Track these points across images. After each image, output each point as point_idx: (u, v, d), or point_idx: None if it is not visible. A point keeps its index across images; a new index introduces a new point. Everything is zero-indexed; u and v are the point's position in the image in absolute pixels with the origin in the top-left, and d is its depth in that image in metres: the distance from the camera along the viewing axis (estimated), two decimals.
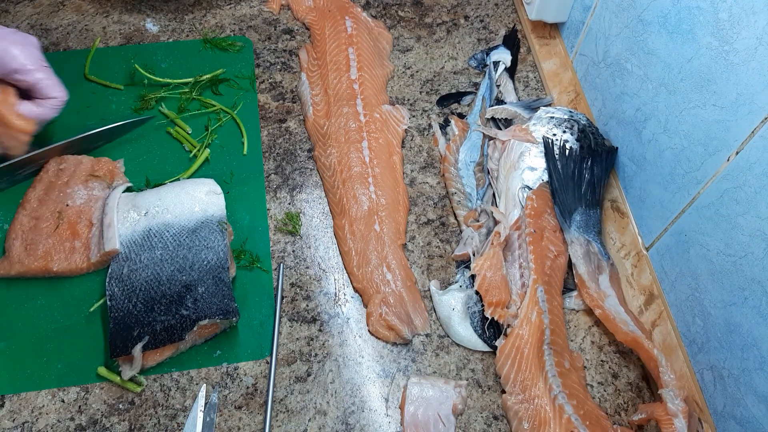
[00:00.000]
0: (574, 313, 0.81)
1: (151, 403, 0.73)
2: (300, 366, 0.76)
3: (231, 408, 0.73)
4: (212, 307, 0.74)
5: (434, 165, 0.92)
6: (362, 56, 0.97)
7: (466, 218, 0.86)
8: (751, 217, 0.64)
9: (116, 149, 0.89)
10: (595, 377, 0.77)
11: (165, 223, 0.80)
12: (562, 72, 0.99)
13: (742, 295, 0.66)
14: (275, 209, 0.87)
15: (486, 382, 0.76)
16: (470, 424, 0.74)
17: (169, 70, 0.97)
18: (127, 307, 0.74)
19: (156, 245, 0.78)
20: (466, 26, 1.06)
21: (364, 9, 1.06)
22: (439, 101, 0.98)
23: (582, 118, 0.90)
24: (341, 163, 0.88)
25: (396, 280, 0.80)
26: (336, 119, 0.92)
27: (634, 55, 0.81)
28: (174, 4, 1.05)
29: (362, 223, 0.84)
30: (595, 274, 0.81)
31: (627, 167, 0.85)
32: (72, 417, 0.72)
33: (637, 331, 0.75)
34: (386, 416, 0.74)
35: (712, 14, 0.66)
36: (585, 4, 0.92)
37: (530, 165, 0.86)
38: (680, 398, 0.69)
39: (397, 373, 0.77)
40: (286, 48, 1.02)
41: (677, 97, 0.73)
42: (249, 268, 0.82)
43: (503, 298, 0.78)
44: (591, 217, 0.83)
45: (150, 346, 0.72)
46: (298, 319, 0.79)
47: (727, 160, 0.66)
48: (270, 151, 0.92)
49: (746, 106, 0.63)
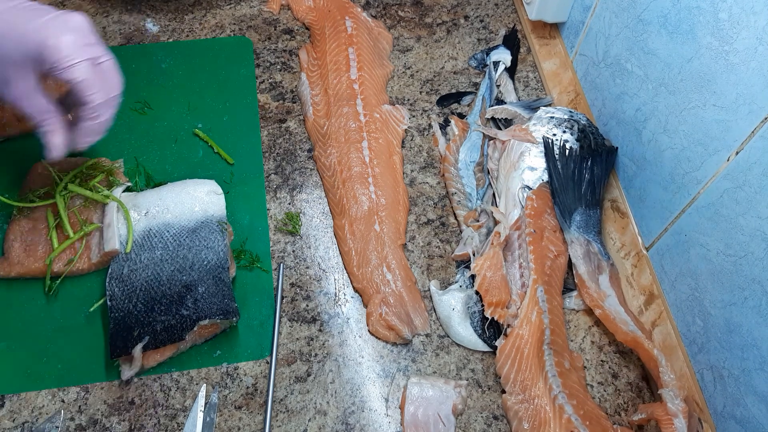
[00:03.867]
0: (574, 313, 0.81)
1: (151, 403, 0.73)
2: (300, 366, 0.76)
3: (231, 408, 0.73)
4: (212, 307, 0.74)
5: (434, 165, 0.92)
6: (362, 56, 0.97)
7: (466, 218, 0.86)
8: (751, 217, 0.64)
9: (116, 149, 0.89)
10: (595, 377, 0.77)
11: (165, 223, 0.80)
12: (562, 72, 0.99)
13: (742, 295, 0.66)
14: (275, 209, 0.87)
15: (486, 382, 0.76)
16: (470, 424, 0.74)
17: (168, 70, 0.97)
18: (127, 307, 0.74)
19: (156, 245, 0.78)
20: (466, 26, 1.06)
21: (364, 9, 1.06)
22: (439, 101, 0.98)
23: (582, 118, 0.90)
24: (341, 163, 0.88)
25: (396, 280, 0.80)
26: (336, 119, 0.92)
27: (634, 55, 0.81)
28: (174, 4, 1.05)
29: (362, 223, 0.84)
30: (595, 274, 0.81)
31: (627, 167, 0.85)
32: (72, 417, 0.72)
33: (637, 331, 0.75)
34: (386, 416, 0.74)
35: (712, 14, 0.66)
36: (585, 4, 0.92)
37: (530, 165, 0.86)
38: (680, 398, 0.69)
39: (397, 373, 0.77)
40: (286, 48, 1.02)
41: (677, 97, 0.73)
42: (249, 268, 0.82)
43: (503, 298, 0.78)
44: (591, 217, 0.84)
45: (150, 346, 0.72)
46: (298, 319, 0.79)
47: (727, 160, 0.66)
48: (270, 151, 0.92)
49: (746, 106, 0.63)
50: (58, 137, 0.71)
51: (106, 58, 0.70)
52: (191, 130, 0.92)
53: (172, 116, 0.93)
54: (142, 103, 0.93)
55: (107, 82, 0.70)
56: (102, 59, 0.69)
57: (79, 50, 0.66)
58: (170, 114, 0.93)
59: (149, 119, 0.92)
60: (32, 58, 0.66)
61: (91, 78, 0.67)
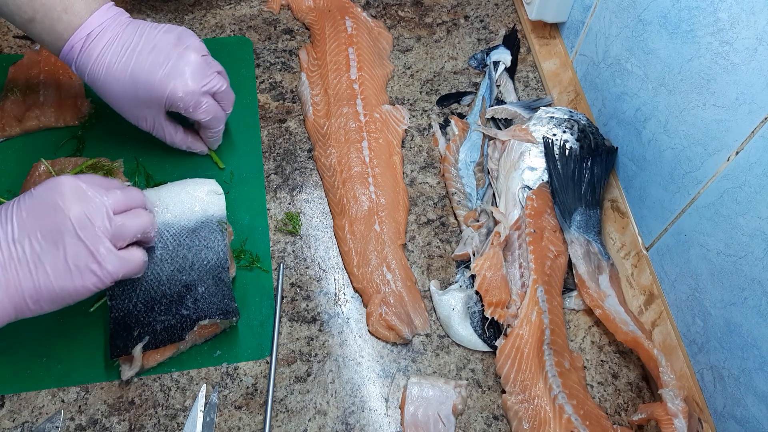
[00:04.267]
0: (574, 313, 0.81)
1: (151, 403, 0.73)
2: (300, 366, 0.76)
3: (231, 408, 0.73)
4: (212, 307, 0.74)
5: (434, 165, 0.92)
6: (362, 56, 0.97)
7: (466, 218, 0.86)
8: (751, 217, 0.64)
9: (116, 149, 0.89)
10: (595, 377, 0.77)
11: (165, 222, 0.80)
12: (562, 72, 0.99)
13: (742, 295, 0.66)
14: (275, 209, 0.87)
15: (486, 382, 0.76)
16: (470, 424, 0.74)
17: None
18: (127, 307, 0.74)
19: (156, 245, 0.78)
20: (466, 26, 1.06)
21: (364, 9, 1.06)
22: (439, 101, 0.98)
23: (582, 118, 0.90)
24: (341, 163, 0.88)
25: (396, 280, 0.80)
26: (336, 119, 0.92)
27: (634, 55, 0.81)
28: (174, 4, 1.05)
29: (362, 223, 0.84)
30: (595, 274, 0.81)
31: (627, 167, 0.85)
32: (72, 417, 0.72)
33: (637, 331, 0.75)
34: (386, 416, 0.74)
35: (712, 14, 0.66)
36: (585, 4, 0.92)
37: (530, 165, 0.86)
38: (680, 398, 0.69)
39: (397, 373, 0.77)
40: (286, 48, 1.02)
41: (677, 97, 0.73)
42: (249, 268, 0.82)
43: (503, 298, 0.78)
44: (591, 217, 0.84)
45: (150, 346, 0.72)
46: (298, 319, 0.79)
47: (727, 160, 0.66)
48: (270, 151, 0.92)
49: (746, 106, 0.63)
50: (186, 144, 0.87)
51: (222, 86, 0.81)
52: None
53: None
54: None
55: (225, 105, 0.83)
56: (220, 88, 0.80)
57: (199, 94, 0.78)
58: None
59: None
60: (160, 103, 0.78)
61: (212, 111, 0.81)
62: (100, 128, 0.90)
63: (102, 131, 0.90)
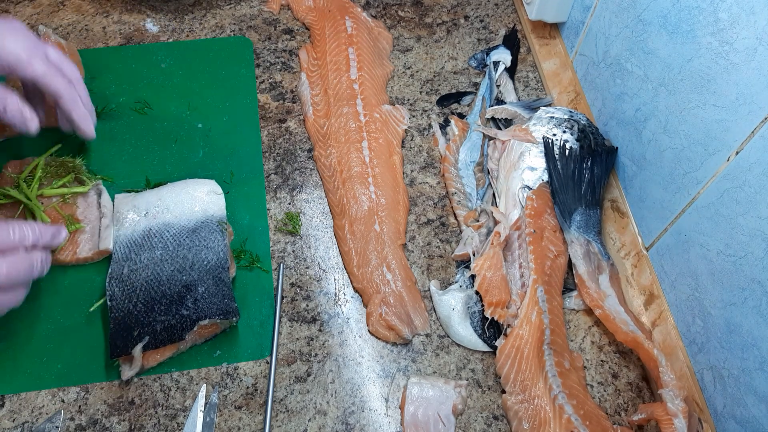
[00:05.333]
0: (574, 313, 0.81)
1: (151, 403, 0.73)
2: (300, 366, 0.76)
3: (231, 408, 0.73)
4: (212, 307, 0.74)
5: (434, 165, 0.92)
6: (362, 56, 0.97)
7: (466, 218, 0.86)
8: (751, 217, 0.64)
9: (116, 149, 0.89)
10: (595, 377, 0.77)
11: (165, 223, 0.80)
12: (562, 72, 0.99)
13: (742, 295, 0.66)
14: (275, 209, 0.87)
15: (486, 382, 0.76)
16: (470, 424, 0.74)
17: (168, 70, 0.97)
18: (127, 307, 0.74)
19: (156, 245, 0.78)
20: (466, 26, 1.06)
21: (364, 9, 1.06)
22: (439, 101, 0.98)
23: (582, 118, 0.90)
24: (341, 163, 0.88)
25: (396, 280, 0.80)
26: (336, 119, 0.92)
27: (634, 55, 0.81)
28: (174, 4, 1.05)
29: (362, 223, 0.84)
30: (595, 274, 0.81)
31: (627, 167, 0.85)
32: (72, 417, 0.72)
33: (637, 331, 0.75)
34: (386, 416, 0.74)
35: (712, 14, 0.66)
36: (585, 4, 0.92)
37: (530, 165, 0.86)
38: (680, 398, 0.69)
39: (397, 373, 0.77)
40: (286, 48, 1.02)
41: (677, 97, 0.73)
42: (249, 268, 0.82)
43: (503, 298, 0.78)
44: (591, 217, 0.84)
45: (150, 346, 0.72)
46: (298, 319, 0.79)
47: (727, 160, 0.66)
48: (270, 151, 0.92)
49: (746, 106, 0.63)
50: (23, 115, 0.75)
51: (54, 52, 0.76)
52: (191, 130, 0.92)
53: (172, 116, 0.93)
54: (142, 103, 0.93)
55: (64, 69, 0.77)
56: (50, 54, 0.76)
57: (30, 50, 0.73)
58: (170, 114, 0.93)
59: (149, 119, 0.92)
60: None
61: (48, 70, 0.74)
62: (100, 128, 0.90)
63: (102, 131, 0.90)
